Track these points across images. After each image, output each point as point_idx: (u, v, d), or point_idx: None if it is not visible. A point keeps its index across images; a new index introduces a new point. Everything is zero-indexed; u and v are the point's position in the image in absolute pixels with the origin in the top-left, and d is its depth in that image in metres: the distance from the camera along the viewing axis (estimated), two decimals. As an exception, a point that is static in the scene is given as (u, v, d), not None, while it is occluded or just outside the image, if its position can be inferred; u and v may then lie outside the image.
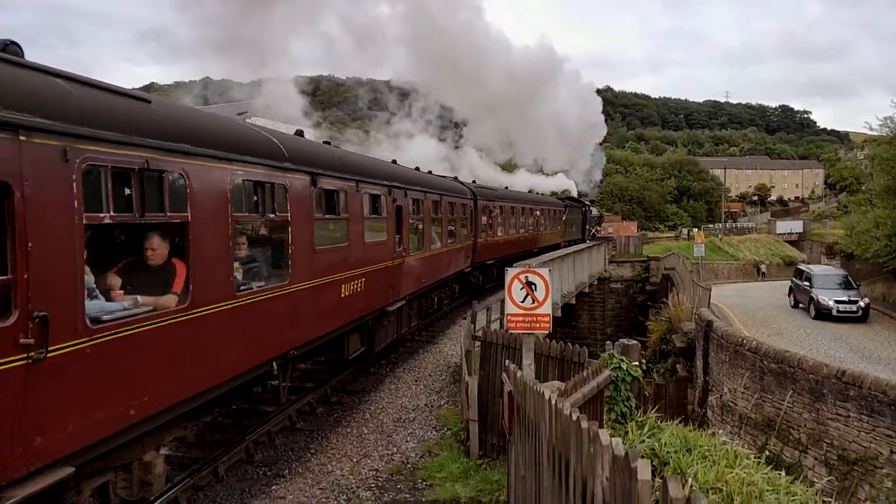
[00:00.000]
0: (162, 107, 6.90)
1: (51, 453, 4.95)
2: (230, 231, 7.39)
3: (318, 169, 9.86)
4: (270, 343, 8.51)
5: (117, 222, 5.96)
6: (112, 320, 5.63)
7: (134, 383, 5.86)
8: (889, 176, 27.73)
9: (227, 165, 7.42)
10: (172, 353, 6.41)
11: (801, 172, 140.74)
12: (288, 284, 8.83)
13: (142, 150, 5.93)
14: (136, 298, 6.18)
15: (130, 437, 6.02)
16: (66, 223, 5.10)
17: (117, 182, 5.81)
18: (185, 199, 6.57)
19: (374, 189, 12.52)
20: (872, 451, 11.06)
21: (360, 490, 8.57)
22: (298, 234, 9.08)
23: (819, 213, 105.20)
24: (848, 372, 11.87)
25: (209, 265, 7.00)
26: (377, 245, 12.67)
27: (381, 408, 12.16)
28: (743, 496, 6.26)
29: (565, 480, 3.91)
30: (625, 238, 44.55)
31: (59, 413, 5.05)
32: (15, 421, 4.65)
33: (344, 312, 11.09)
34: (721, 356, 16.34)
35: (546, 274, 8.45)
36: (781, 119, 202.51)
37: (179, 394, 6.59)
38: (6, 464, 4.59)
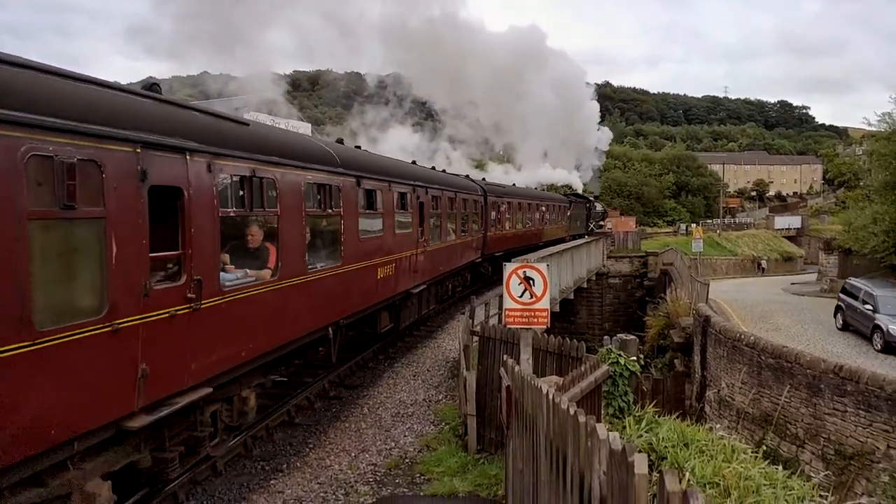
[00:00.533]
0: (256, 127, 9.24)
1: (200, 375, 7.12)
2: (303, 222, 9.54)
3: (361, 172, 11.98)
4: (328, 312, 10.62)
5: (236, 215, 8.23)
6: (233, 286, 7.79)
7: (245, 332, 8.00)
8: (887, 171, 27.74)
9: (301, 172, 9.52)
10: (268, 312, 8.55)
11: (800, 168, 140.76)
12: (340, 266, 10.95)
13: (250, 163, 8.08)
14: (246, 271, 8.34)
15: (240, 373, 8.16)
16: (210, 215, 7.24)
17: (235, 186, 8.10)
18: (276, 198, 8.74)
19: (401, 188, 14.57)
20: (869, 445, 11.10)
21: (359, 484, 8.59)
22: (348, 226, 11.22)
23: (817, 208, 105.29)
24: (845, 367, 11.90)
25: (290, 248, 9.12)
26: (404, 236, 14.72)
27: (380, 402, 12.17)
28: (740, 490, 6.28)
29: (563, 474, 3.91)
30: (623, 233, 44.54)
31: (206, 348, 7.20)
32: (182, 350, 6.76)
33: (379, 292, 13.13)
34: (719, 351, 16.36)
35: (544, 269, 8.45)
36: (780, 115, 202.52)
37: (271, 344, 8.73)
38: (175, 381, 6.72)
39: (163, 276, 6.72)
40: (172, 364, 6.59)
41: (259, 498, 8.18)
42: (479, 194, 23.33)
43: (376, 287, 12.87)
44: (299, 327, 9.56)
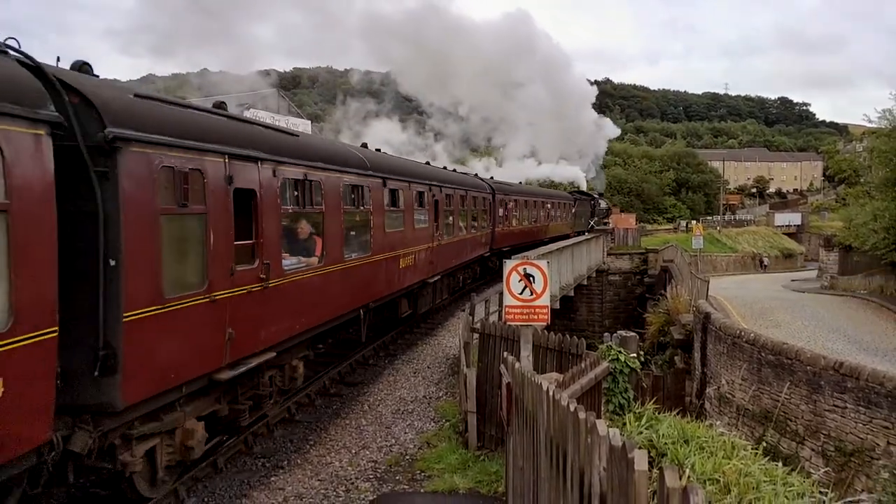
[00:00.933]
0: (305, 138, 11.44)
1: (267, 341, 8.76)
2: (342, 218, 11.16)
3: (387, 174, 13.64)
4: (360, 296, 12.22)
5: (292, 212, 9.84)
6: (290, 269, 9.38)
7: (298, 309, 9.58)
8: (888, 168, 27.73)
9: (340, 175, 11.15)
10: (315, 293, 10.17)
11: (800, 165, 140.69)
12: (370, 256, 12.59)
13: (303, 168, 9.79)
14: (299, 258, 9.94)
15: (293, 343, 9.77)
16: (275, 212, 8.91)
17: (291, 187, 9.76)
18: (322, 197, 10.42)
19: (419, 187, 16.10)
20: (869, 442, 11.10)
21: (359, 481, 8.60)
22: (376, 221, 12.88)
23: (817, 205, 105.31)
24: (845, 364, 11.89)
25: (332, 239, 10.75)
26: (422, 231, 16.36)
27: (380, 399, 12.19)
28: (740, 487, 6.29)
29: (563, 471, 3.92)
30: (623, 230, 44.50)
31: (271, 319, 8.81)
32: (255, 320, 8.39)
33: (401, 280, 14.68)
34: (719, 348, 16.37)
35: (544, 266, 8.45)
36: (780, 111, 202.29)
37: (317, 320, 10.35)
38: (251, 344, 8.34)
39: (243, 259, 8.19)
40: (249, 331, 8.25)
41: (260, 495, 8.20)
42: (487, 192, 24.60)
43: (398, 276, 14.50)
44: (338, 307, 11.24)
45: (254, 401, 9.09)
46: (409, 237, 15.04)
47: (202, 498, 8.04)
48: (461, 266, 21.33)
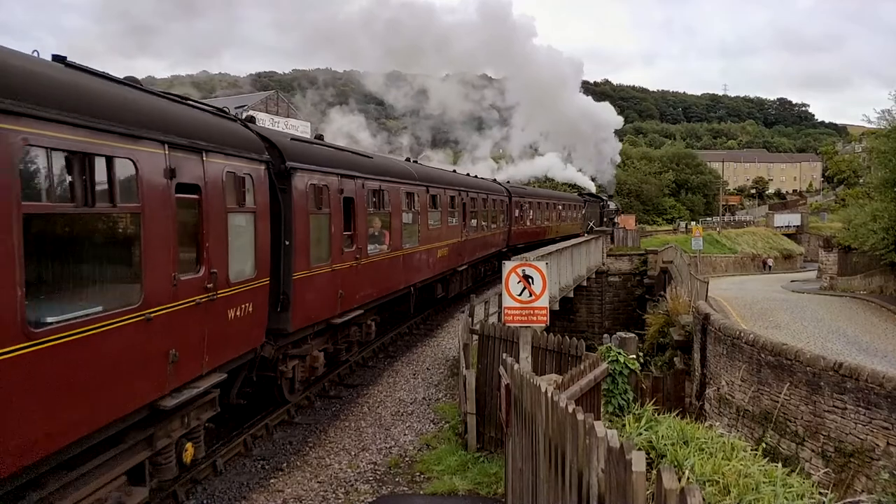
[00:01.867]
0: (377, 158, 15.15)
1: (360, 301, 12.41)
2: (401, 217, 14.93)
3: (428, 182, 17.33)
4: (411, 277, 15.94)
5: (372, 213, 13.19)
6: (371, 253, 13.01)
7: (375, 281, 13.28)
8: (887, 169, 27.71)
9: (399, 185, 14.95)
10: (385, 272, 13.91)
11: (799, 165, 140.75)
12: (418, 247, 16.29)
13: (378, 181, 13.48)
14: (376, 245, 13.49)
15: (369, 307, 13.37)
16: (364, 213, 12.48)
17: (371, 196, 13.11)
18: (389, 202, 14.15)
19: (451, 192, 19.65)
20: (869, 443, 11.09)
21: (359, 483, 8.59)
22: (422, 219, 16.72)
23: (817, 206, 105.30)
24: (845, 364, 11.87)
25: (395, 233, 14.44)
26: (453, 228, 19.91)
27: (380, 401, 12.18)
28: (739, 488, 6.27)
29: (561, 472, 3.91)
30: (623, 231, 44.48)
31: (360, 287, 12.47)
32: (353, 286, 12.02)
33: (437, 267, 18.20)
34: (718, 349, 16.35)
35: (543, 267, 8.44)
36: (779, 112, 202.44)
37: (385, 291, 14.03)
38: (350, 302, 11.94)
39: (347, 245, 11.76)
40: (350, 293, 11.88)
41: (259, 497, 8.19)
42: (504, 195, 27.66)
43: (436, 263, 18.03)
44: (398, 283, 15.03)
45: (347, 344, 12.79)
46: (444, 233, 18.71)
47: (201, 500, 8.03)
48: (482, 259, 24.24)
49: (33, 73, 5.24)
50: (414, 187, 15.89)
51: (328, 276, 10.91)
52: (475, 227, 22.77)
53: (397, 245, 14.61)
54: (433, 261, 17.55)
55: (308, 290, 10.12)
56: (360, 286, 12.40)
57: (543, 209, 35.20)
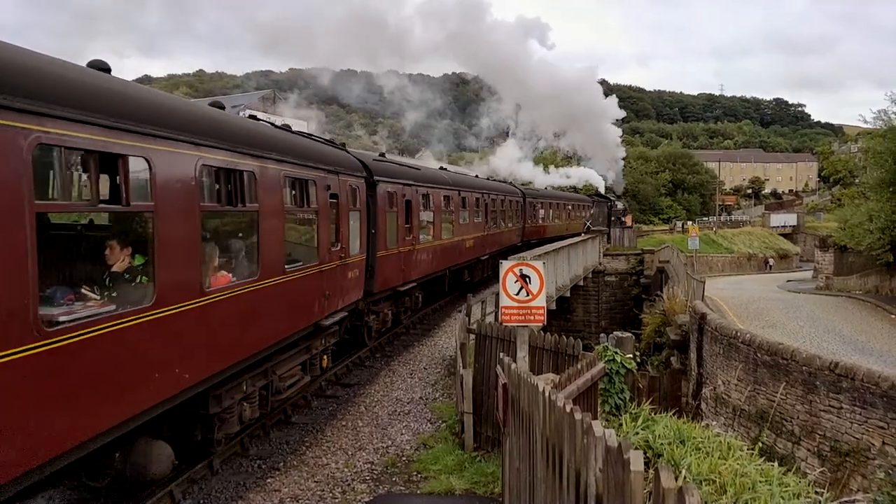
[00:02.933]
0: (425, 170, 20.35)
1: (412, 278, 17.06)
2: (441, 214, 19.33)
3: (460, 187, 21.95)
4: (447, 262, 20.40)
5: (423, 210, 17.86)
6: (422, 242, 17.66)
7: (422, 264, 17.70)
8: (882, 169, 27.75)
9: (440, 189, 19.37)
10: (430, 256, 18.21)
11: (796, 165, 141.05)
12: (453, 237, 20.80)
13: (426, 187, 18.15)
14: (424, 236, 17.93)
15: (417, 283, 17.51)
16: (417, 212, 17.26)
17: (424, 198, 17.93)
18: (433, 203, 18.63)
19: (476, 194, 23.97)
20: (865, 442, 11.12)
21: (356, 483, 8.59)
22: (456, 216, 21.18)
23: (813, 205, 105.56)
24: (841, 364, 11.91)
25: (437, 227, 19.07)
26: (478, 224, 24.16)
27: (377, 401, 12.17)
28: (736, 487, 6.28)
29: (559, 472, 3.92)
30: (619, 231, 44.59)
31: (413, 267, 16.91)
32: (409, 266, 16.68)
33: (466, 256, 22.54)
34: (715, 348, 16.38)
35: (540, 266, 8.44)
36: (776, 112, 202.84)
37: (431, 271, 18.47)
38: (407, 276, 16.62)
39: (407, 235, 16.21)
40: (408, 269, 16.31)
41: (256, 496, 8.18)
42: (519, 196, 32.13)
43: (465, 253, 22.36)
44: (438, 266, 19.43)
45: (402, 310, 17.20)
46: (470, 228, 22.98)
47: (198, 500, 8.02)
48: (501, 251, 27.09)
49: (388, 166, 14.81)
50: (449, 191, 20.44)
51: (395, 256, 15.56)
52: (496, 223, 27.11)
53: (438, 236, 19.25)
54: (463, 250, 22.05)
55: (385, 265, 14.77)
56: (414, 265, 16.96)
57: (554, 209, 39.98)
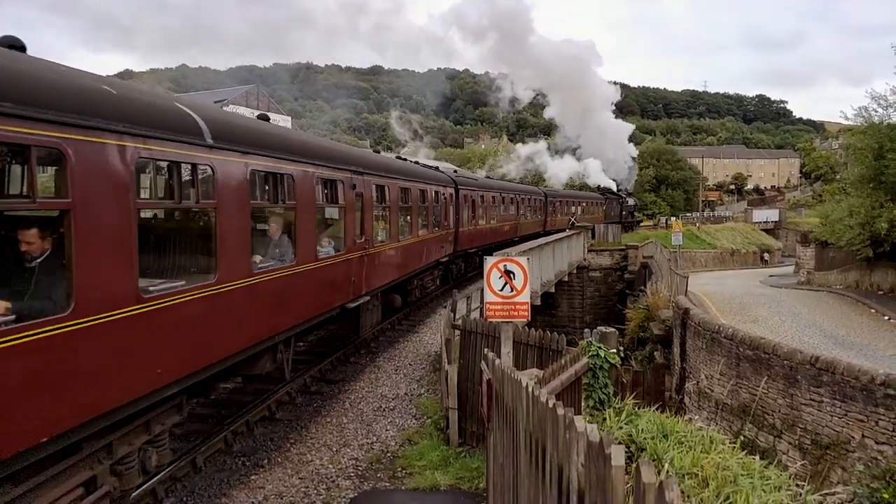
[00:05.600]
0: (480, 179, 31.50)
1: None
2: (490, 207, 28.36)
3: (502, 191, 31.15)
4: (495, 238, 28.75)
5: (481, 206, 26.87)
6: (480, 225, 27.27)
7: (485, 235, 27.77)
8: (863, 165, 28.09)
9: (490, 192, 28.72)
10: (485, 232, 27.73)
11: (778, 162, 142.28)
12: (497, 223, 29.77)
13: (483, 192, 27.38)
14: (483, 220, 27.50)
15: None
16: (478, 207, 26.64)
17: (480, 199, 26.76)
18: (484, 201, 27.21)
19: (511, 195, 32.62)
20: (845, 435, 11.27)
21: (340, 479, 8.56)
22: (501, 208, 30.54)
23: (795, 201, 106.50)
24: (821, 358, 12.06)
25: (487, 214, 28.09)
26: (513, 215, 32.87)
27: (361, 397, 12.15)
28: (718, 481, 6.34)
29: (542, 467, 3.93)
30: (604, 227, 44.85)
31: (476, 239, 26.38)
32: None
33: (507, 235, 30.87)
34: (698, 343, 16.52)
35: (524, 262, 8.46)
36: (758, 109, 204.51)
37: (487, 242, 27.37)
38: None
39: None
40: (471, 240, 25.07)
41: (239, 494, 8.13)
42: (542, 196, 41.18)
43: (506, 233, 30.99)
44: (490, 240, 27.66)
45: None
46: (509, 217, 32.29)
47: (181, 497, 7.96)
48: (529, 236, 34.04)
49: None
50: (496, 193, 29.59)
51: (471, 231, 24.71)
52: (525, 215, 35.80)
53: (488, 220, 28.02)
54: (505, 230, 30.93)
55: (465, 237, 23.46)
56: (478, 238, 26.19)
57: (571, 205, 48.91)
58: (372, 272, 13.66)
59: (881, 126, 27.11)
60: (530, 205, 36.94)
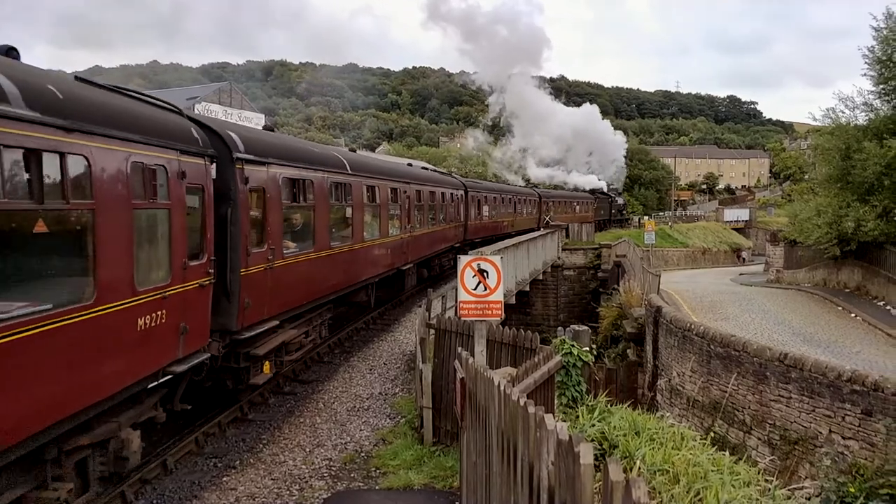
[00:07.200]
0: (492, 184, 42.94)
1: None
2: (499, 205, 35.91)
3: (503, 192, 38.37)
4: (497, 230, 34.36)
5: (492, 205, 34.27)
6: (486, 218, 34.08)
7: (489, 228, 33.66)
8: (830, 165, 28.59)
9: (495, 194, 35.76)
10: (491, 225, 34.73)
11: (748, 161, 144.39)
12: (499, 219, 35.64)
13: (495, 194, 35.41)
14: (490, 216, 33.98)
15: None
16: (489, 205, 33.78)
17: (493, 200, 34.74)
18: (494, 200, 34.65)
19: (511, 196, 39.20)
20: (812, 430, 11.46)
21: (313, 480, 8.51)
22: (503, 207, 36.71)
23: (764, 201, 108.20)
24: (790, 355, 12.25)
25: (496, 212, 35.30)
26: (511, 212, 38.27)
27: (335, 397, 12.09)
28: (689, 477, 6.39)
29: (513, 465, 3.94)
30: (578, 225, 45.19)
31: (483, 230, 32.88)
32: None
33: (506, 229, 35.83)
34: (670, 341, 16.70)
35: (498, 261, 8.48)
36: (729, 109, 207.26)
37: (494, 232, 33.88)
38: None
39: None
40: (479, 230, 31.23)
41: (211, 495, 8.05)
42: (536, 198, 45.91)
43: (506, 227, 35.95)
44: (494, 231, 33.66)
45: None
46: (507, 213, 37.18)
47: (151, 500, 7.86)
48: (525, 230, 36.32)
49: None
50: (497, 194, 35.36)
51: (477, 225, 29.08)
52: (522, 213, 41.15)
53: (495, 217, 34.01)
54: (504, 225, 35.95)
55: (472, 229, 28.35)
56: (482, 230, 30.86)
57: (563, 205, 53.12)
58: (413, 249, 19.97)
59: (848, 127, 27.62)
60: (526, 204, 42.96)
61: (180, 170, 7.86)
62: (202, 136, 8.76)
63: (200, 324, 8.45)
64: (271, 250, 10.24)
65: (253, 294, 9.69)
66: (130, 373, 6.98)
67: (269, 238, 10.21)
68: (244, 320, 9.50)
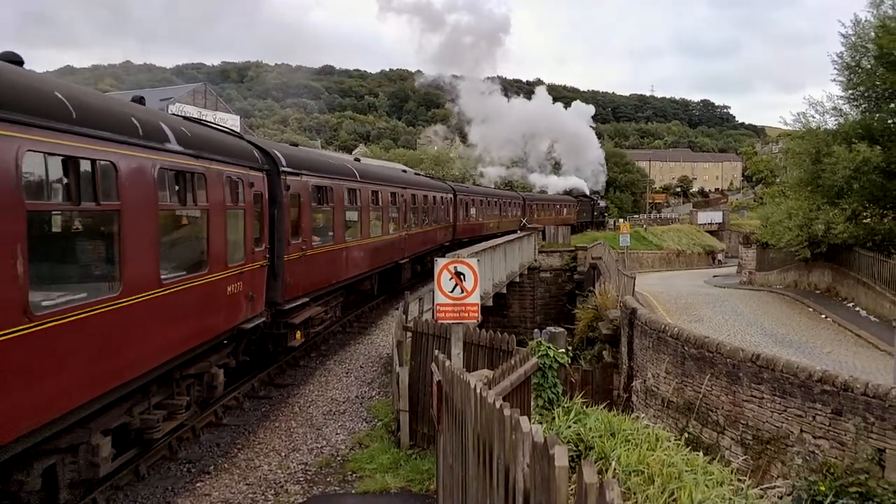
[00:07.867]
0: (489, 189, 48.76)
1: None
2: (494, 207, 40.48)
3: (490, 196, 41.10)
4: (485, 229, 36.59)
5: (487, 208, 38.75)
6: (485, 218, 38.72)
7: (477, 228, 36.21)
8: (801, 169, 29.04)
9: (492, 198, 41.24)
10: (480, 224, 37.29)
11: (721, 165, 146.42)
12: (486, 220, 37.51)
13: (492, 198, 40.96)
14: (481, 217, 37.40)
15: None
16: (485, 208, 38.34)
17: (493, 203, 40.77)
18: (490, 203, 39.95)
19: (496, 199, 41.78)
20: (784, 430, 11.62)
21: (289, 484, 8.44)
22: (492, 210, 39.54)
23: (737, 204, 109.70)
24: (762, 356, 12.40)
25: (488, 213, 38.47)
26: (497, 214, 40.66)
27: (311, 401, 12.01)
28: (663, 477, 6.45)
29: (490, 468, 3.94)
30: (554, 228, 45.46)
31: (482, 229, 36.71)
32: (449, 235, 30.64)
33: (493, 229, 37.70)
34: (645, 342, 16.83)
35: (474, 264, 8.49)
36: (703, 113, 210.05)
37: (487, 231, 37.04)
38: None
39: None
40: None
41: (184, 502, 7.95)
42: (519, 200, 48.17)
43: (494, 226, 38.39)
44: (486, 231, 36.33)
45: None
46: (493, 215, 38.96)
47: (123, 507, 7.74)
48: (508, 231, 37.79)
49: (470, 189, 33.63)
50: (483, 197, 37.45)
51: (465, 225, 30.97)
52: (507, 215, 43.32)
53: (487, 217, 36.70)
54: (490, 226, 37.40)
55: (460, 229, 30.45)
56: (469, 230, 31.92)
57: (545, 208, 54.44)
58: (409, 246, 21.82)
59: (818, 131, 28.07)
60: (511, 206, 45.43)
61: (249, 181, 10.61)
62: (259, 155, 11.48)
63: (260, 294, 11.15)
64: (304, 242, 12.90)
65: (292, 275, 12.30)
66: (226, 321, 9.81)
67: (303, 232, 12.90)
68: (286, 294, 12.15)
